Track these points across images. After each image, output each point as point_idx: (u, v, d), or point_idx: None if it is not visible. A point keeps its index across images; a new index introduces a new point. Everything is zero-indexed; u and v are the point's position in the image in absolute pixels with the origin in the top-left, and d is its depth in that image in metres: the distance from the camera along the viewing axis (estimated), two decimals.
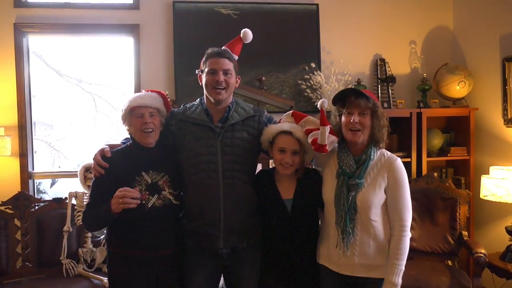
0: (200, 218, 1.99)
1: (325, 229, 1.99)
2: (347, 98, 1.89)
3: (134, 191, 1.87)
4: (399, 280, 1.83)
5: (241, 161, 2.00)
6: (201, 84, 2.05)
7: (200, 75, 2.06)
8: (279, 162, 1.96)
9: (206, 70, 2.00)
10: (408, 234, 1.86)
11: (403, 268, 1.85)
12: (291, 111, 2.09)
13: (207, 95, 2.02)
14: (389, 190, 1.88)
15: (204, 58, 2.04)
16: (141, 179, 1.96)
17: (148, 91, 2.08)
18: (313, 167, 2.15)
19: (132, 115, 1.97)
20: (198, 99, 2.13)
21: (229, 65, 1.99)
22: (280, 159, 1.95)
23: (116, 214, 1.87)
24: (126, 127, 2.03)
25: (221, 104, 2.02)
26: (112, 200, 1.85)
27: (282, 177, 2.02)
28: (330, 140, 1.92)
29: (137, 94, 2.04)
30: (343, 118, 1.91)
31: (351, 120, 1.86)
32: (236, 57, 2.09)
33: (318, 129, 1.90)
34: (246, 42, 2.14)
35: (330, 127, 1.91)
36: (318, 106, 1.90)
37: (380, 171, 1.89)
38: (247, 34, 2.12)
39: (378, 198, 1.86)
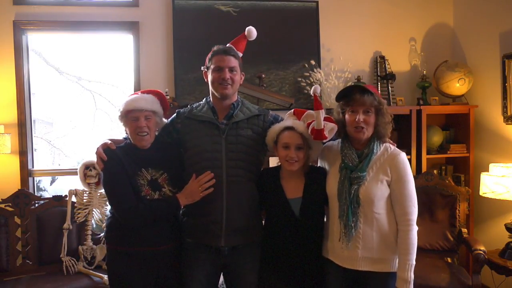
0: (202, 215, 2.00)
1: (330, 223, 1.99)
2: (352, 95, 1.87)
3: (206, 174, 1.94)
4: (411, 275, 1.81)
5: (245, 159, 2.01)
6: (207, 80, 2.09)
7: (206, 72, 2.10)
8: (284, 159, 1.96)
9: (212, 67, 2.03)
10: (414, 228, 1.85)
11: (414, 262, 1.82)
12: (292, 110, 2.11)
13: (213, 91, 2.06)
14: (393, 184, 1.87)
15: (210, 55, 2.07)
16: (142, 175, 1.99)
17: (144, 92, 2.10)
18: (318, 165, 2.15)
19: (128, 117, 2.00)
20: (204, 99, 2.15)
21: (234, 62, 2.03)
22: (284, 155, 1.95)
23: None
24: (124, 127, 2.06)
25: (227, 99, 2.05)
26: (186, 193, 1.96)
27: (288, 176, 2.01)
28: (329, 127, 1.93)
29: (132, 97, 2.05)
30: (347, 116, 1.90)
31: (356, 119, 1.85)
32: (241, 54, 2.13)
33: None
34: (251, 39, 2.18)
35: (325, 114, 1.93)
36: (311, 92, 1.94)
37: (383, 164, 1.88)
38: (251, 31, 2.17)
39: (381, 191, 1.86)
